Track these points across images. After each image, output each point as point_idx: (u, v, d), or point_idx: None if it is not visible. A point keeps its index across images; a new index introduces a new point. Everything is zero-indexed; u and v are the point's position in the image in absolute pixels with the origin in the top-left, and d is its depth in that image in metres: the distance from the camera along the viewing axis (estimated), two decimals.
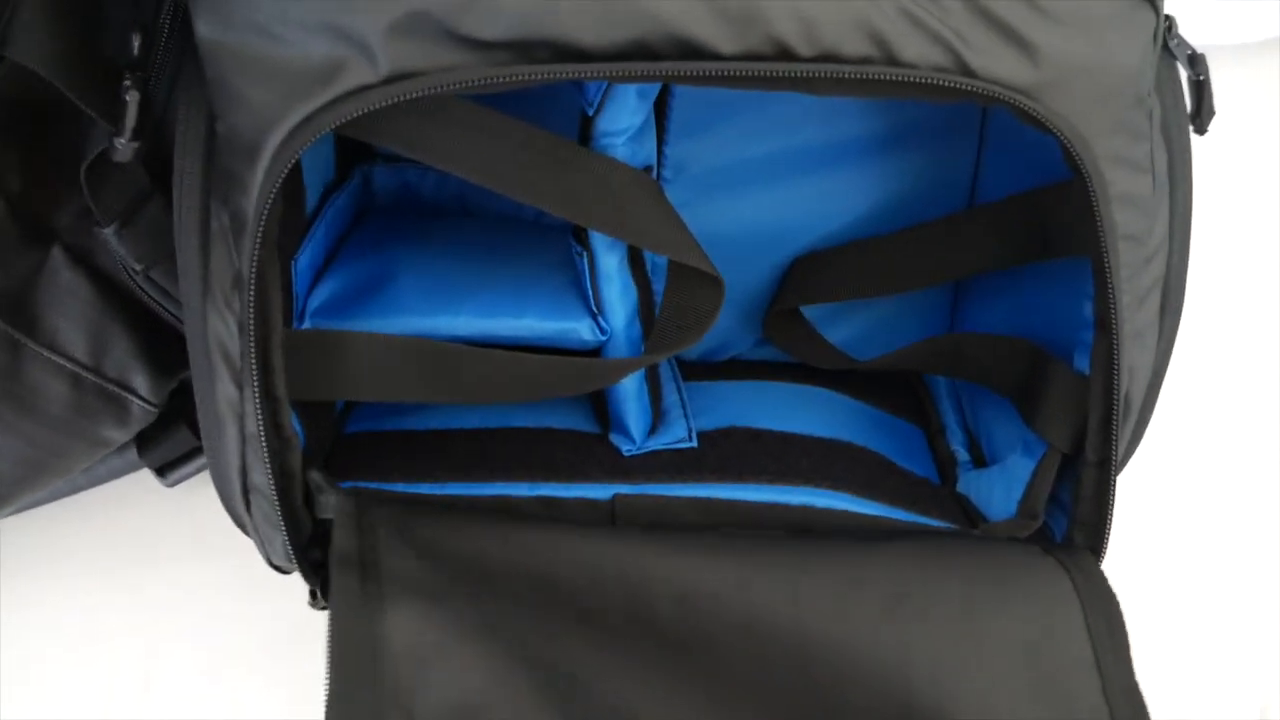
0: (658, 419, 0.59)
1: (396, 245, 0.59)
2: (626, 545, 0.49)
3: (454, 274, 0.56)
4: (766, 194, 0.63)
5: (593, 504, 0.54)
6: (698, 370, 0.66)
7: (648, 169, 0.54)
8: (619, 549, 0.49)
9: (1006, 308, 0.62)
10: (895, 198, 0.63)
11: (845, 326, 0.67)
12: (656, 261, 0.57)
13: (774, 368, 0.67)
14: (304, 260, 0.53)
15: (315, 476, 0.49)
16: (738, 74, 0.43)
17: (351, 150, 0.62)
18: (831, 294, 0.64)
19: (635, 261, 0.55)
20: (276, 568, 0.52)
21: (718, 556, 0.49)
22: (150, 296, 0.56)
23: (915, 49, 0.44)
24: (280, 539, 0.49)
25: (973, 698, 0.47)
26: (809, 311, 0.66)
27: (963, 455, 0.63)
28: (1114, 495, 0.52)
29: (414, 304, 0.54)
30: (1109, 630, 0.48)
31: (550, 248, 0.58)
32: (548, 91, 0.46)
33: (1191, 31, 0.81)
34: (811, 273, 0.64)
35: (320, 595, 0.51)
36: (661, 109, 0.60)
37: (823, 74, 0.43)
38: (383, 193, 0.65)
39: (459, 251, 0.59)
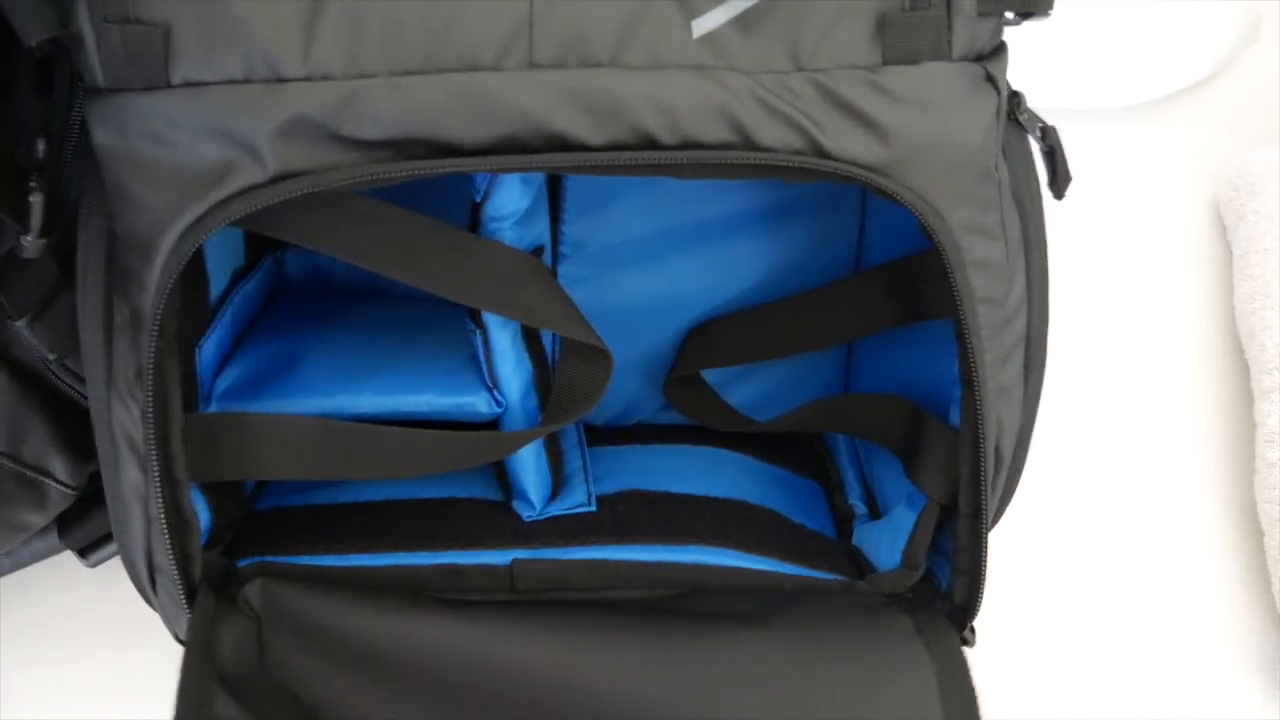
0: (559, 485, 0.62)
1: (305, 327, 0.62)
2: (514, 632, 0.52)
3: (358, 354, 0.59)
4: (662, 266, 0.66)
5: (492, 570, 0.56)
6: (605, 435, 0.68)
7: (538, 249, 0.57)
8: (507, 636, 0.52)
9: (892, 367, 0.65)
10: (785, 265, 0.67)
11: (745, 389, 0.70)
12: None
13: (679, 431, 0.69)
14: (209, 347, 0.55)
15: (209, 557, 0.52)
16: (606, 163, 0.46)
17: (262, 237, 0.64)
18: (726, 359, 0.67)
19: (530, 337, 0.57)
20: (183, 642, 0.54)
21: (604, 643, 0.52)
22: (66, 383, 0.58)
23: (772, 133, 0.47)
24: (184, 616, 0.51)
25: None
26: (711, 375, 0.69)
27: (860, 509, 0.66)
28: (986, 545, 0.55)
29: (318, 384, 0.57)
30: (960, 698, 0.51)
31: (451, 326, 0.61)
32: (439, 182, 0.49)
33: (1057, 98, 0.87)
34: (708, 340, 0.67)
35: None
36: (556, 190, 0.63)
37: (686, 160, 0.46)
38: (295, 276, 0.68)
39: (364, 332, 0.61)
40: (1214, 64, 0.89)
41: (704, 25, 0.47)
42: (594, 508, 0.60)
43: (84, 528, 0.65)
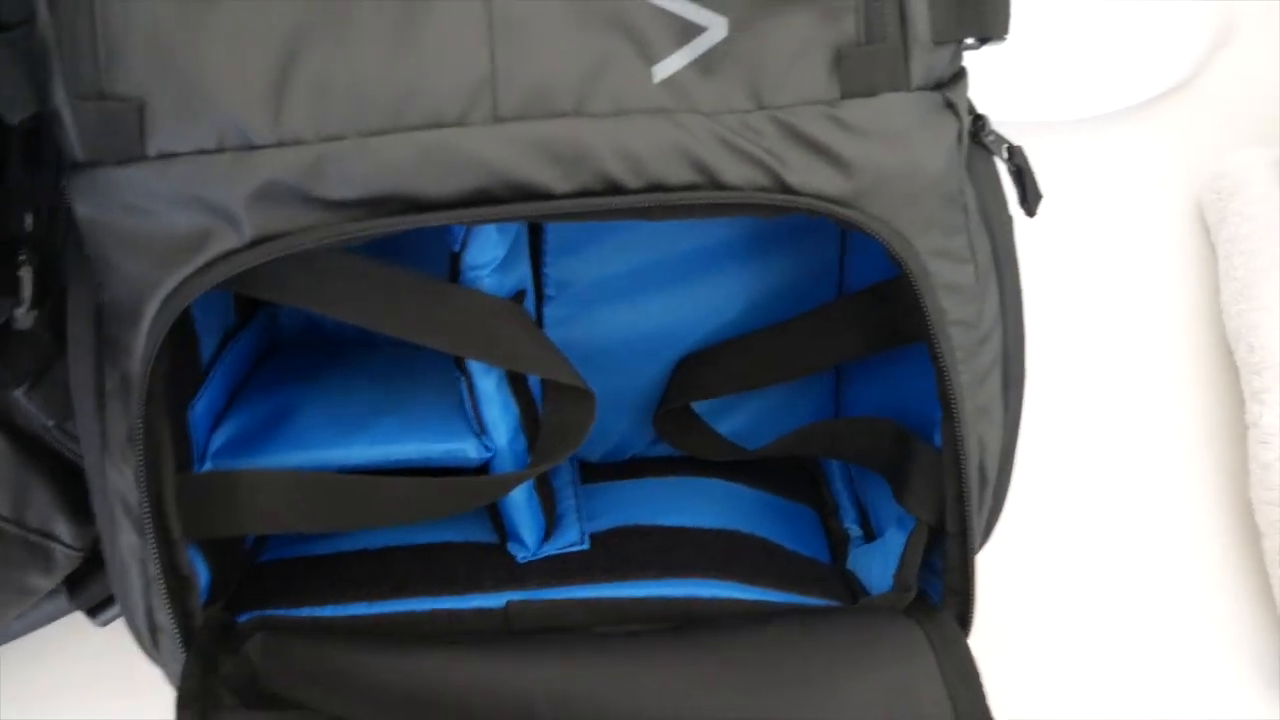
0: (552, 525, 0.62)
1: (297, 381, 0.63)
2: (513, 659, 0.53)
3: (349, 406, 0.60)
4: (647, 302, 0.67)
5: (488, 613, 0.57)
6: (600, 472, 0.69)
7: (519, 294, 0.58)
8: (506, 663, 0.52)
9: (880, 390, 0.66)
10: (769, 294, 0.68)
11: (736, 417, 0.70)
12: None
13: (672, 463, 0.70)
14: (201, 406, 0.56)
15: (210, 613, 0.53)
16: (575, 210, 0.47)
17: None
18: (714, 390, 0.68)
19: (515, 380, 0.58)
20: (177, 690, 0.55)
21: (601, 663, 0.53)
22: (67, 448, 0.60)
23: (736, 172, 0.48)
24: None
25: None
26: (701, 406, 0.70)
27: (855, 532, 0.66)
28: (974, 563, 0.55)
29: (311, 438, 0.58)
30: (962, 676, 0.51)
31: (441, 373, 0.61)
32: (418, 235, 0.50)
33: (1033, 111, 0.88)
34: (695, 372, 0.68)
35: None
36: (537, 232, 0.65)
37: (652, 203, 0.47)
38: (290, 329, 0.69)
39: (356, 384, 0.62)
40: (1189, 68, 0.89)
41: (665, 70, 0.48)
42: (587, 545, 0.61)
43: (92, 588, 0.66)
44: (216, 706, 0.50)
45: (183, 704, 0.50)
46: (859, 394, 0.69)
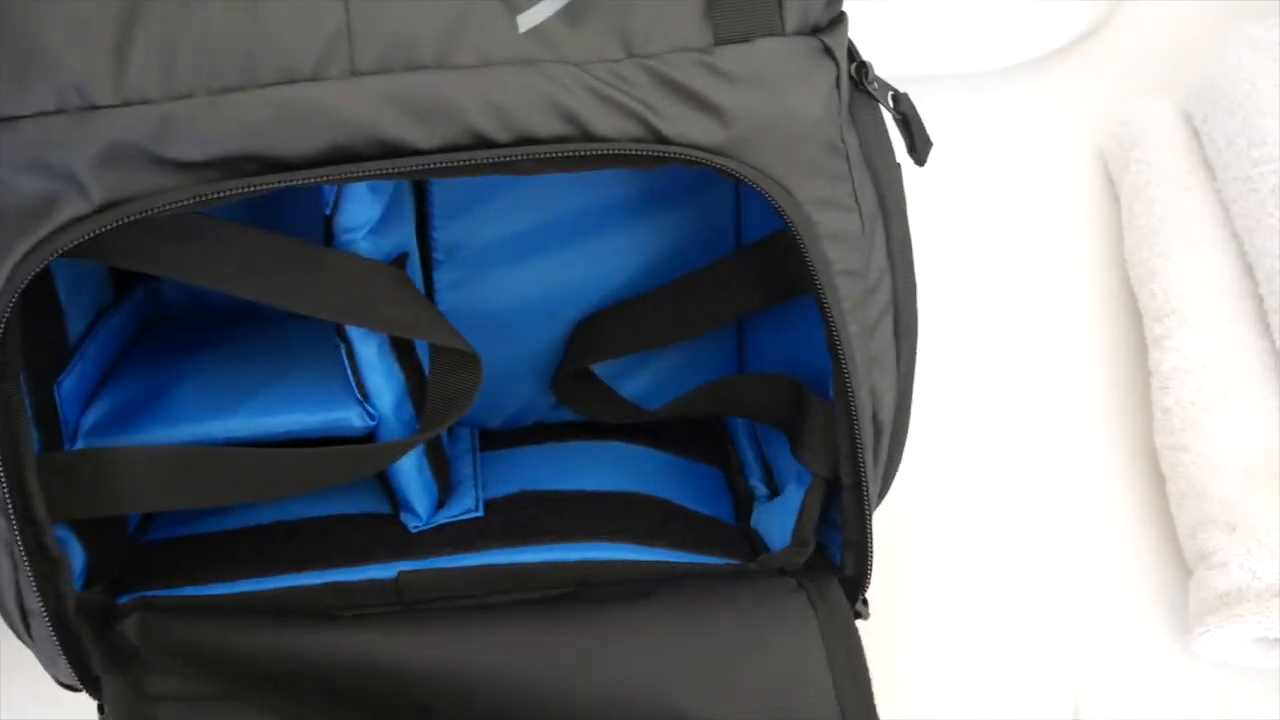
0: (445, 493, 0.61)
1: (177, 356, 0.61)
2: (397, 636, 0.52)
3: (230, 379, 0.58)
4: (540, 264, 0.66)
5: (378, 584, 0.56)
6: (501, 439, 0.68)
7: (401, 256, 0.56)
8: (390, 641, 0.51)
9: (780, 346, 0.65)
10: (665, 253, 0.66)
11: (639, 379, 0.69)
12: None
13: (575, 427, 0.69)
14: (69, 383, 0.54)
15: (88, 596, 0.51)
16: (441, 165, 0.46)
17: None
18: (613, 351, 0.67)
19: (400, 346, 0.57)
20: (66, 685, 0.53)
21: (488, 635, 0.52)
22: None
23: (608, 123, 0.47)
24: (62, 659, 0.51)
25: None
26: (604, 368, 0.69)
27: (760, 490, 0.66)
28: (870, 515, 0.55)
29: (187, 412, 0.56)
30: (848, 661, 0.52)
31: (322, 344, 0.60)
32: (289, 198, 0.48)
33: (936, 64, 0.87)
34: (592, 333, 0.66)
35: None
36: (423, 196, 0.63)
37: (522, 156, 0.46)
38: (174, 303, 0.67)
39: (238, 356, 0.61)
40: (1092, 19, 0.89)
41: (530, 19, 0.47)
42: (481, 513, 0.60)
43: None
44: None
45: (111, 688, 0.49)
46: (760, 352, 0.68)
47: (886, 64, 0.57)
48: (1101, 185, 0.85)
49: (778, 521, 0.60)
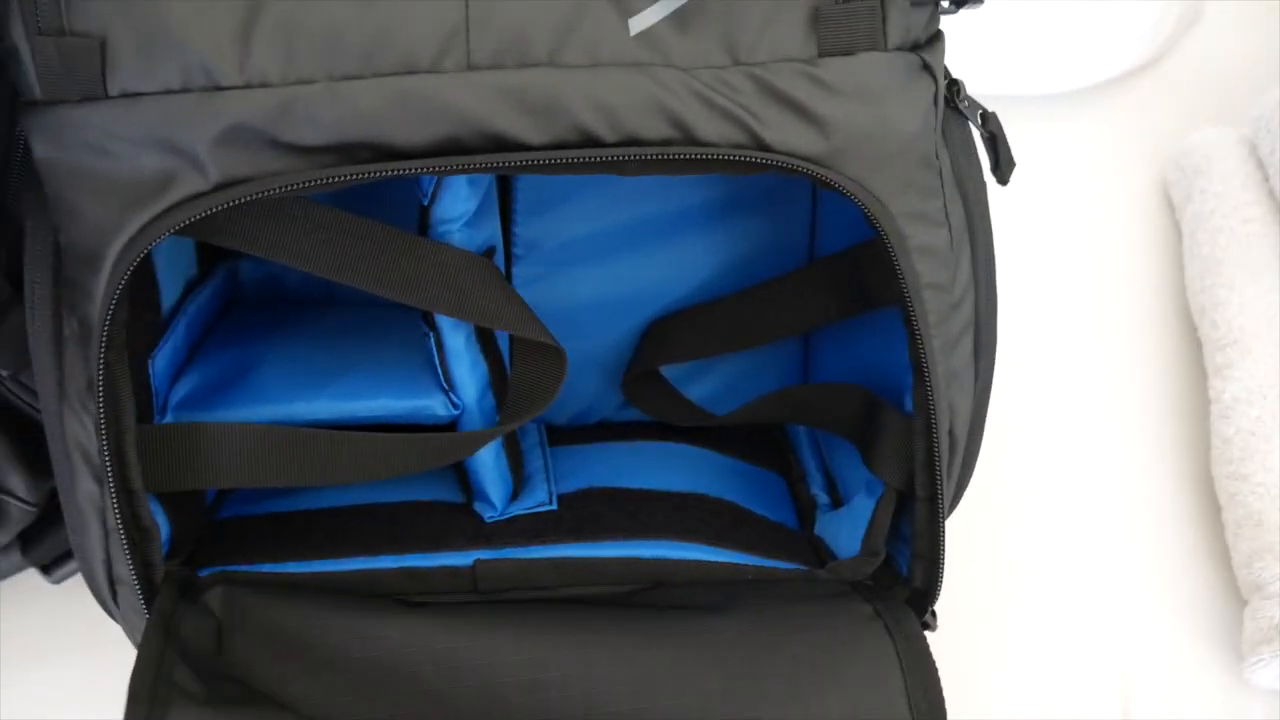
0: (519, 485, 0.62)
1: (260, 336, 0.62)
2: (478, 631, 0.52)
3: (313, 361, 0.59)
4: (616, 265, 0.66)
5: (454, 571, 0.56)
6: (567, 435, 0.69)
7: (490, 250, 0.57)
8: (471, 635, 0.52)
9: (849, 357, 0.66)
10: (739, 259, 0.67)
11: (705, 383, 0.70)
12: None
13: (640, 427, 0.70)
14: (162, 357, 0.55)
15: (170, 567, 0.52)
16: (549, 162, 0.47)
17: (216, 247, 0.64)
18: (682, 355, 0.67)
19: (484, 337, 0.58)
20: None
21: (567, 636, 0.53)
22: (22, 399, 0.58)
23: (712, 128, 0.47)
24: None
25: None
26: (670, 371, 0.69)
27: (822, 499, 0.66)
28: (943, 529, 0.55)
29: (274, 392, 0.57)
30: (926, 698, 0.52)
31: (408, 331, 0.61)
32: (388, 187, 0.49)
33: (1003, 85, 0.88)
34: (663, 336, 0.67)
35: None
36: (507, 191, 0.64)
37: (628, 157, 0.47)
38: (250, 285, 0.68)
39: (320, 339, 0.62)
40: (1158, 47, 0.90)
41: (641, 23, 0.48)
42: (555, 506, 0.61)
43: (46, 544, 0.64)
44: (169, 691, 0.48)
45: (153, 622, 0.49)
46: (827, 361, 0.69)
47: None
48: (1163, 213, 0.85)
49: (845, 530, 0.60)
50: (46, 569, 0.66)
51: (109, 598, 0.52)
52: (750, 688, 0.51)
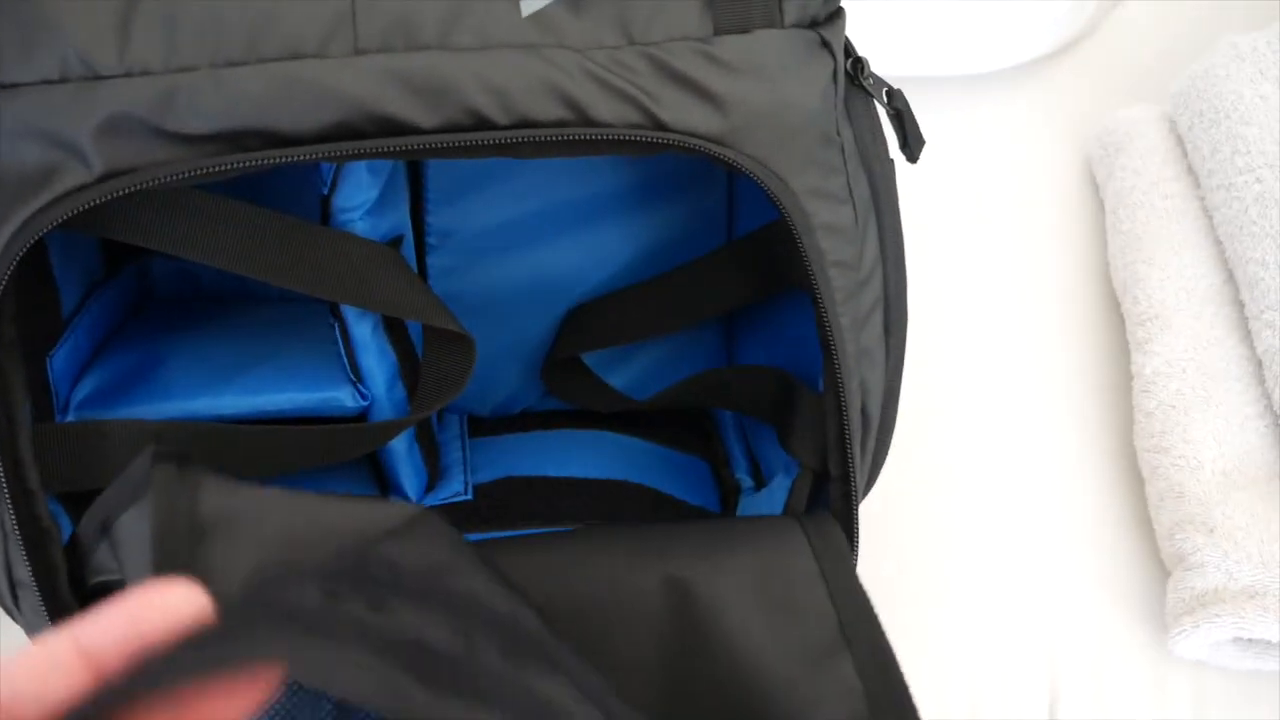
0: (435, 477, 0.61)
1: (169, 333, 0.61)
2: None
3: (221, 356, 0.58)
4: (533, 252, 0.66)
5: None
6: (489, 426, 0.68)
7: (397, 239, 0.57)
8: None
9: (769, 339, 0.66)
10: (658, 243, 0.67)
11: (628, 370, 0.70)
12: None
13: (564, 416, 0.69)
14: (61, 356, 0.54)
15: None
16: (442, 145, 0.46)
17: (125, 246, 0.63)
18: (603, 340, 0.67)
19: (393, 327, 0.57)
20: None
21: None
22: None
23: (607, 109, 0.47)
24: (49, 630, 0.50)
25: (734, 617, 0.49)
26: (593, 358, 0.69)
27: (746, 482, 0.66)
28: (857, 507, 0.55)
29: (179, 388, 0.56)
30: (830, 548, 0.51)
31: (318, 324, 0.60)
32: (288, 177, 0.49)
33: (924, 66, 0.88)
34: (583, 322, 0.67)
35: None
36: (417, 180, 0.63)
37: (522, 139, 0.47)
38: (163, 283, 0.67)
39: (229, 335, 0.61)
40: (1081, 26, 0.90)
41: (533, 4, 0.47)
42: (471, 496, 0.60)
43: None
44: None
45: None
46: (748, 344, 0.69)
47: (876, 65, 0.58)
48: (1086, 190, 0.86)
49: (764, 511, 0.60)
50: None
51: (10, 602, 0.51)
52: (674, 549, 0.51)
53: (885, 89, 0.56)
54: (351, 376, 0.57)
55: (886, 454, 0.60)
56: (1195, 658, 0.67)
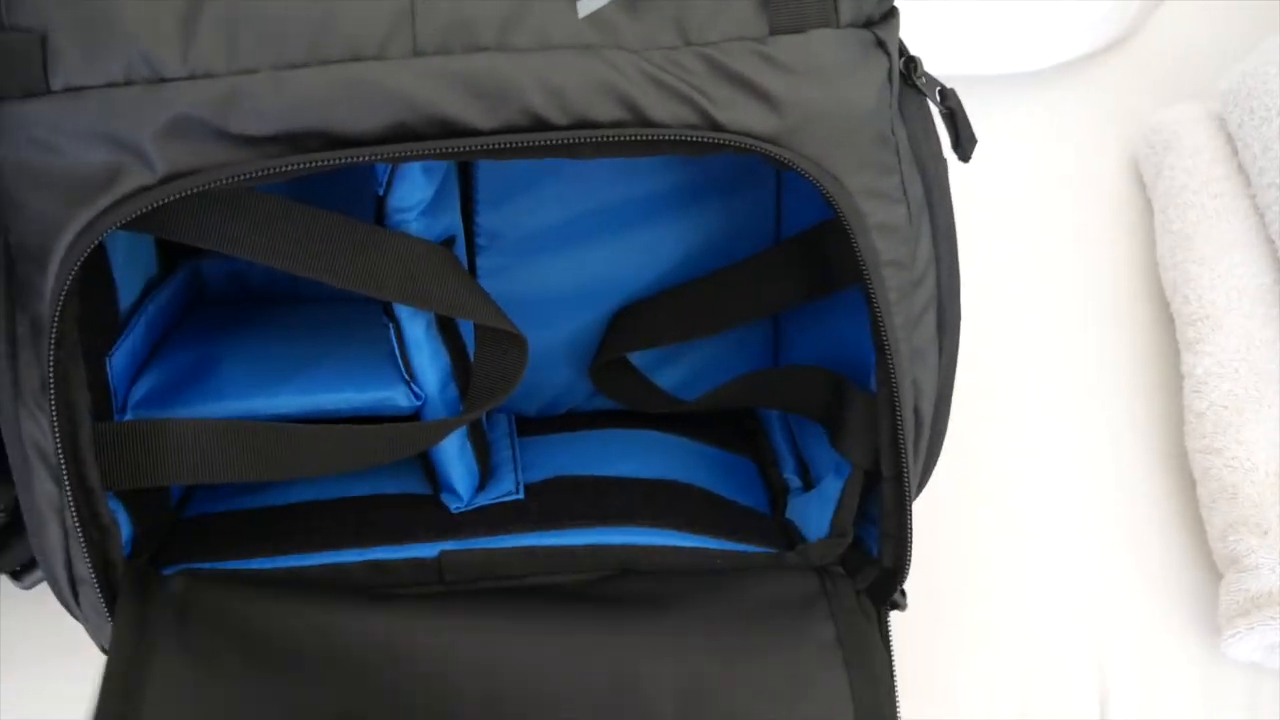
0: (486, 476, 0.62)
1: (222, 333, 0.61)
2: (436, 626, 0.52)
3: (276, 357, 0.59)
4: (581, 253, 0.66)
5: (420, 563, 0.56)
6: (537, 425, 0.68)
7: (449, 239, 0.57)
8: (428, 631, 0.52)
9: (817, 339, 0.66)
10: (705, 244, 0.67)
11: (675, 370, 0.70)
12: None
13: (610, 416, 0.69)
14: (120, 356, 0.55)
15: (134, 565, 0.51)
16: (500, 146, 0.46)
17: (179, 245, 0.64)
18: (651, 341, 0.67)
19: (445, 327, 0.57)
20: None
21: (523, 634, 0.53)
22: None
23: (664, 109, 0.47)
24: (109, 627, 0.51)
25: None
26: (639, 358, 0.69)
27: (795, 482, 0.66)
28: (910, 508, 0.55)
29: (234, 388, 0.57)
30: (864, 663, 0.53)
31: (371, 324, 0.60)
32: (344, 177, 0.49)
33: (974, 65, 0.87)
34: (630, 323, 0.67)
35: None
36: (468, 182, 0.63)
37: (580, 139, 0.47)
38: (214, 283, 0.67)
39: (283, 335, 0.61)
40: (1127, 24, 0.90)
41: (589, 5, 0.47)
42: (522, 496, 0.60)
43: (15, 550, 0.64)
44: (149, 653, 0.48)
45: (115, 649, 0.49)
46: (796, 344, 0.69)
47: (927, 64, 0.58)
48: (1134, 190, 0.85)
49: (815, 513, 0.60)
50: (17, 575, 0.65)
51: (70, 599, 0.52)
52: (700, 684, 0.52)
53: (938, 88, 0.55)
54: (405, 376, 0.57)
55: (939, 454, 0.59)
56: (1248, 660, 0.66)
